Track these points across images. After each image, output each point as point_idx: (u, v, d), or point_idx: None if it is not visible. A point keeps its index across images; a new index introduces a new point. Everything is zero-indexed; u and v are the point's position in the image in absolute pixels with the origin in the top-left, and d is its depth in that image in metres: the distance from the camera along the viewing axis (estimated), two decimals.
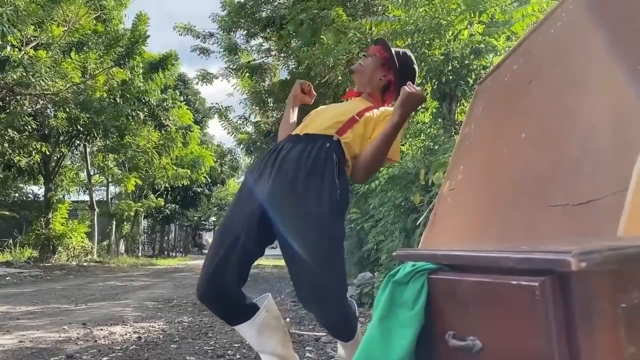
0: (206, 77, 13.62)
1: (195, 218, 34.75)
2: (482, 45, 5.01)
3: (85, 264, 15.19)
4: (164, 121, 17.46)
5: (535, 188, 2.40)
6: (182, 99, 20.47)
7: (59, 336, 3.73)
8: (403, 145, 6.39)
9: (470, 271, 0.90)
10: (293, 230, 1.73)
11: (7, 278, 9.49)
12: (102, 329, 4.06)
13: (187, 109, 20.32)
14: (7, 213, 17.91)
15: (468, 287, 0.89)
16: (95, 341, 3.58)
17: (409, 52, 2.25)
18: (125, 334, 3.86)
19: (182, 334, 3.93)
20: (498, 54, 4.83)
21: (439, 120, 5.45)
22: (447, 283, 0.98)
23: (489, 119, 3.44)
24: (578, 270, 0.61)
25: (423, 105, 5.95)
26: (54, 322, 4.41)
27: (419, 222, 4.41)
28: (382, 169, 5.95)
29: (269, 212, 1.77)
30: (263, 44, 12.79)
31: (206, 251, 1.98)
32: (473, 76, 4.94)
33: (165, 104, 17.05)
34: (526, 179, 2.51)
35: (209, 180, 25.82)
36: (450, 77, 4.96)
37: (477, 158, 3.38)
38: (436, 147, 4.87)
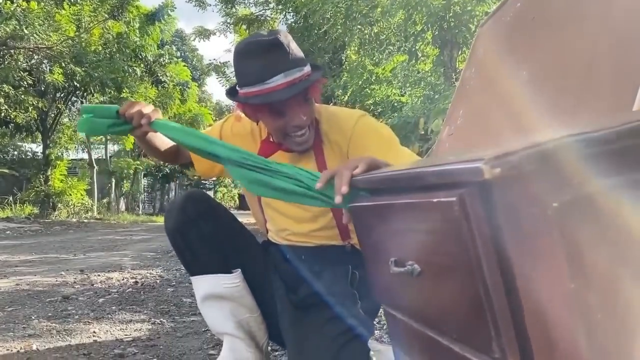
0: (203, 33, 13.37)
1: (195, 177, 34.77)
2: None
3: (85, 220, 15.26)
4: (161, 77, 17.23)
5: (535, 126, 2.35)
6: (179, 54, 20.16)
7: (56, 280, 3.75)
8: (403, 95, 6.33)
9: (400, 192, 0.83)
10: None
11: (7, 232, 9.53)
12: (99, 275, 4.07)
13: (185, 65, 20.03)
14: (6, 171, 17.89)
15: (398, 210, 0.83)
16: (92, 285, 3.60)
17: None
18: (122, 279, 3.87)
19: (179, 279, 3.94)
20: None
21: (440, 68, 5.34)
22: (381, 208, 0.92)
23: (491, 60, 3.38)
24: (494, 178, 0.54)
25: (424, 53, 5.84)
26: (52, 269, 4.43)
27: None
28: (380, 119, 5.89)
29: None
30: None
31: None
32: (475, 22, 4.81)
33: (162, 59, 16.80)
34: (527, 118, 2.47)
35: None
36: (452, 23, 4.83)
37: (477, 101, 3.32)
38: (436, 95, 4.80)
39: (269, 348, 1.74)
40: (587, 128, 0.59)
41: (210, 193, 40.40)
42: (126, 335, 2.29)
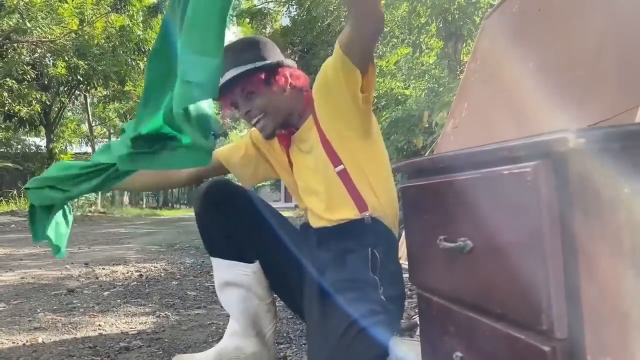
0: None
1: None
2: None
3: (89, 214, 15.30)
4: None
5: (542, 116, 2.33)
6: None
7: (61, 274, 3.75)
8: (406, 88, 6.30)
9: (462, 170, 0.85)
10: None
11: (12, 225, 9.58)
12: (104, 268, 4.08)
13: None
14: (10, 165, 17.96)
15: (457, 186, 0.85)
16: (97, 278, 3.60)
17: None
18: (127, 273, 3.88)
19: (184, 272, 3.94)
20: None
21: (444, 61, 5.31)
22: (438, 186, 0.93)
23: (496, 52, 3.34)
24: (576, 149, 0.56)
25: (428, 46, 5.81)
26: (56, 262, 4.44)
27: None
28: (384, 113, 5.86)
29: None
30: None
31: None
32: (479, 14, 4.77)
33: None
34: (533, 108, 2.45)
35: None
36: (456, 15, 4.79)
37: (482, 93, 3.29)
38: (440, 88, 4.77)
39: (275, 342, 1.74)
40: None
41: None
42: (131, 328, 2.29)
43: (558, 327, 0.60)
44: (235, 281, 1.56)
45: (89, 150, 20.00)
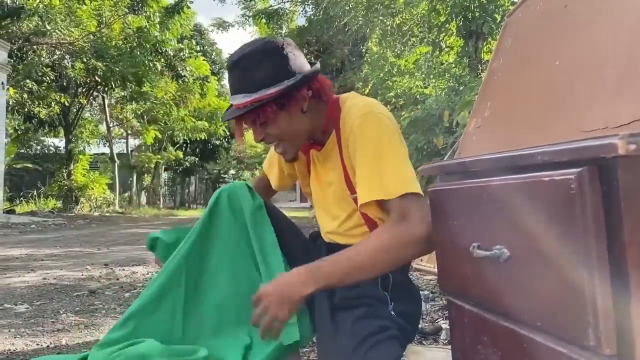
0: (222, 25, 13.40)
1: (215, 171, 35.01)
2: None
3: (107, 214, 15.46)
4: (181, 72, 17.32)
5: (570, 115, 2.27)
6: (198, 49, 20.25)
7: (82, 275, 3.77)
8: (426, 87, 6.22)
9: (498, 174, 0.81)
10: None
11: (32, 226, 9.69)
12: (123, 269, 4.09)
13: (204, 59, 20.10)
14: (30, 165, 18.23)
15: (492, 191, 0.81)
16: (117, 279, 3.61)
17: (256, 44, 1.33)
18: (147, 274, 3.89)
19: None
20: None
21: (464, 59, 5.25)
22: (471, 191, 0.89)
23: (520, 50, 3.27)
24: (626, 155, 0.52)
25: (447, 45, 5.74)
26: (77, 263, 4.46)
27: None
28: (403, 113, 5.81)
29: None
30: None
31: None
32: (500, 12, 4.71)
33: (182, 54, 16.87)
34: (560, 107, 2.38)
35: (228, 132, 25.76)
36: (477, 14, 4.73)
37: (506, 91, 3.23)
38: (461, 87, 4.71)
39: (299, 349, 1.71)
40: None
41: None
42: None
43: (606, 343, 0.56)
44: None
45: (107, 150, 20.19)
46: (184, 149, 24.65)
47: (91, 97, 17.55)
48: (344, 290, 1.35)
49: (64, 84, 15.00)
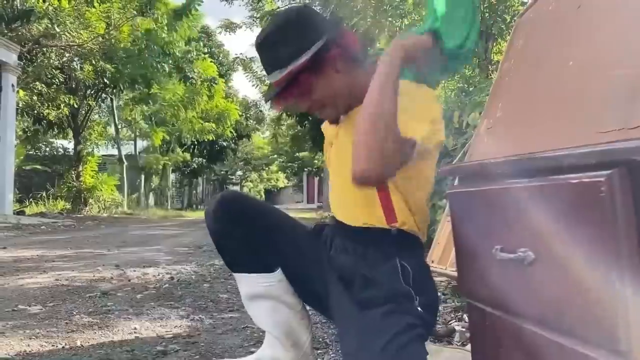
0: (229, 27, 13.43)
1: (222, 172, 35.10)
2: None
3: (116, 215, 15.53)
4: (188, 73, 17.39)
5: (584, 116, 2.26)
6: (205, 50, 20.30)
7: (94, 276, 3.79)
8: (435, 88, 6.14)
9: (520, 177, 0.80)
10: None
11: (42, 227, 9.74)
12: (135, 270, 4.11)
13: (211, 61, 20.16)
14: (39, 167, 18.33)
15: (516, 194, 0.80)
16: (129, 280, 3.63)
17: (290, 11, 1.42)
18: (158, 275, 3.90)
19: (214, 274, 3.95)
20: None
21: (474, 60, 5.23)
22: (493, 193, 0.88)
23: (532, 51, 3.27)
24: None
25: None
26: (88, 264, 4.49)
27: None
28: None
29: None
30: None
31: None
32: (510, 13, 4.69)
33: (189, 55, 16.93)
34: (573, 108, 2.38)
35: (235, 134, 25.81)
36: (487, 14, 4.72)
37: (518, 92, 3.22)
38: (471, 88, 4.69)
39: (313, 351, 1.71)
40: None
41: (237, 188, 40.79)
42: (167, 331, 2.29)
43: (638, 348, 0.55)
44: (262, 293, 1.50)
45: (115, 152, 20.28)
46: (191, 150, 24.73)
47: (100, 99, 17.63)
48: (366, 287, 1.34)
49: (73, 86, 15.09)
